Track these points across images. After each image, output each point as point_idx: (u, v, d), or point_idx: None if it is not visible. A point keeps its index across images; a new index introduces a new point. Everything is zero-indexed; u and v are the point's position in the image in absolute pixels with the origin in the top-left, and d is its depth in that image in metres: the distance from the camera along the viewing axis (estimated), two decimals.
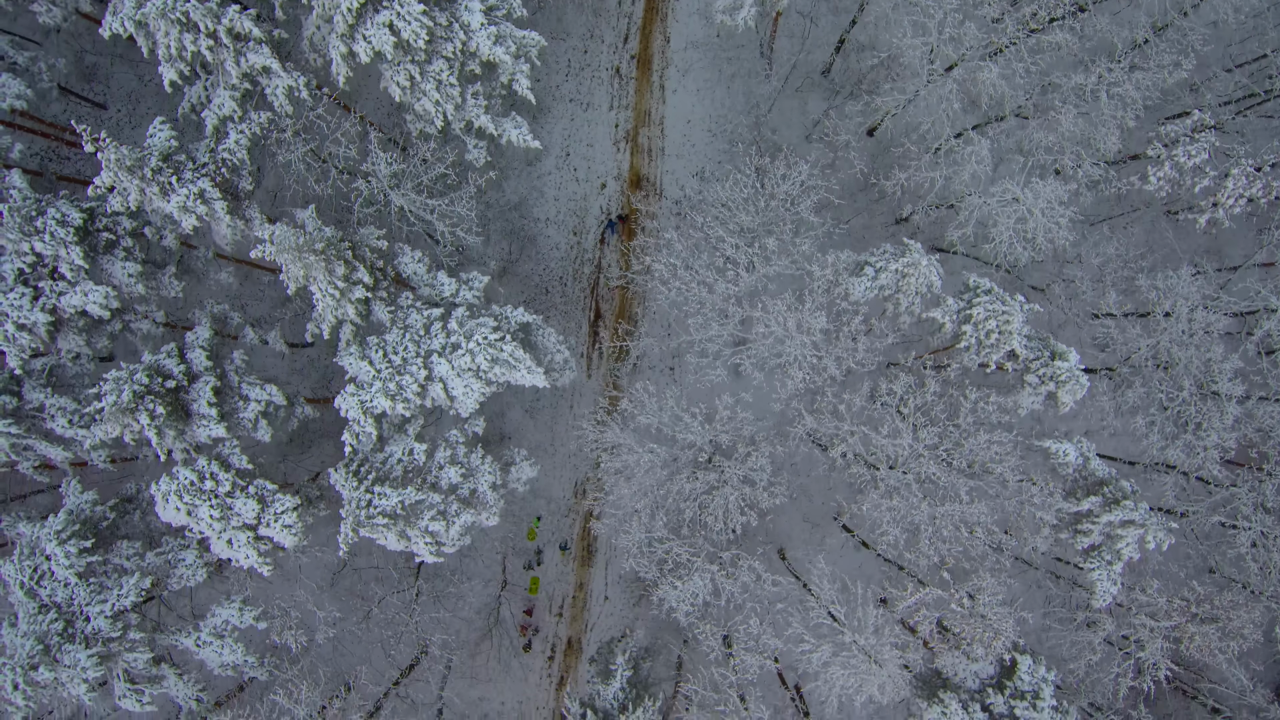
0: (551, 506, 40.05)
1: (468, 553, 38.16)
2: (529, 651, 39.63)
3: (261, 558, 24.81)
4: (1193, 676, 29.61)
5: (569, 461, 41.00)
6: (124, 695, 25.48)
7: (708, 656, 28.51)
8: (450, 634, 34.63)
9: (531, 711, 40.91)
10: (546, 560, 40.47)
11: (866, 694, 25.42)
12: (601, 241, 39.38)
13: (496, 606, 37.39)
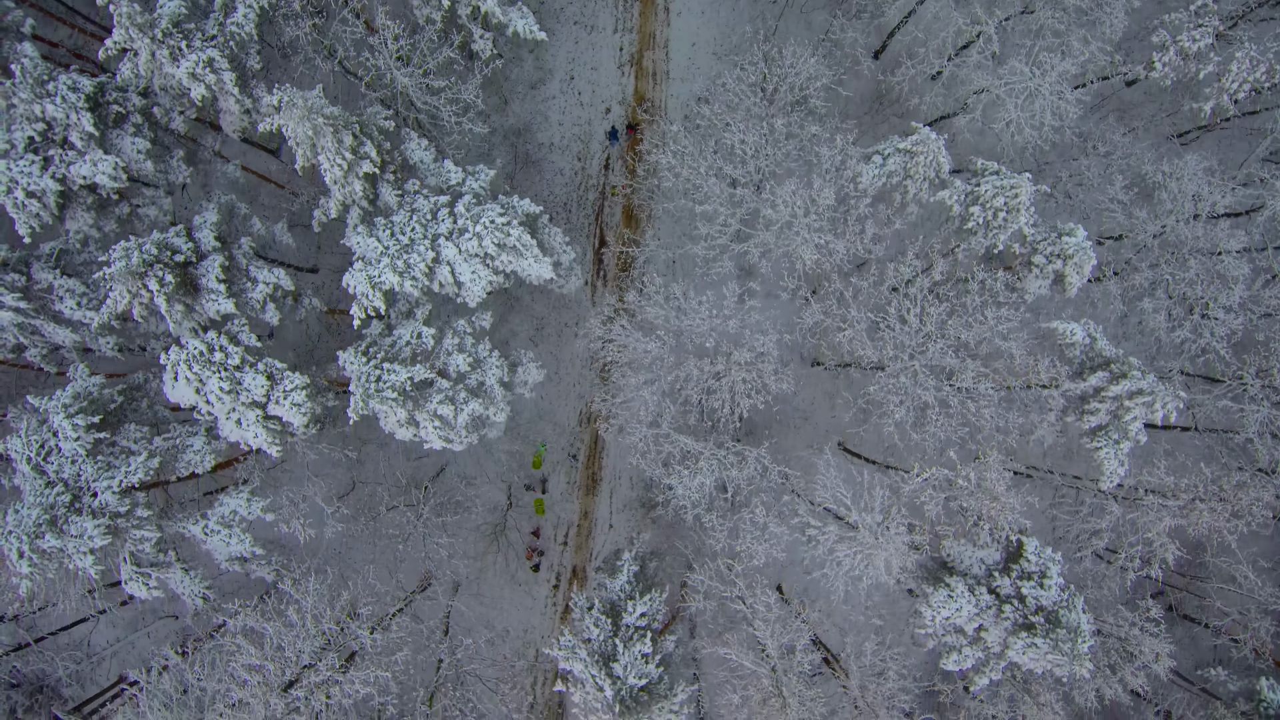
0: (557, 430, 40.12)
1: (473, 479, 38.18)
2: (537, 572, 39.68)
3: (270, 437, 24.82)
4: (1198, 571, 29.66)
5: (574, 390, 41.07)
6: (130, 579, 25.47)
7: (714, 548, 28.55)
8: (457, 547, 34.62)
9: (537, 639, 40.94)
10: (552, 486, 40.55)
11: (873, 575, 25.45)
12: (606, 168, 39.48)
13: (503, 520, 37.39)
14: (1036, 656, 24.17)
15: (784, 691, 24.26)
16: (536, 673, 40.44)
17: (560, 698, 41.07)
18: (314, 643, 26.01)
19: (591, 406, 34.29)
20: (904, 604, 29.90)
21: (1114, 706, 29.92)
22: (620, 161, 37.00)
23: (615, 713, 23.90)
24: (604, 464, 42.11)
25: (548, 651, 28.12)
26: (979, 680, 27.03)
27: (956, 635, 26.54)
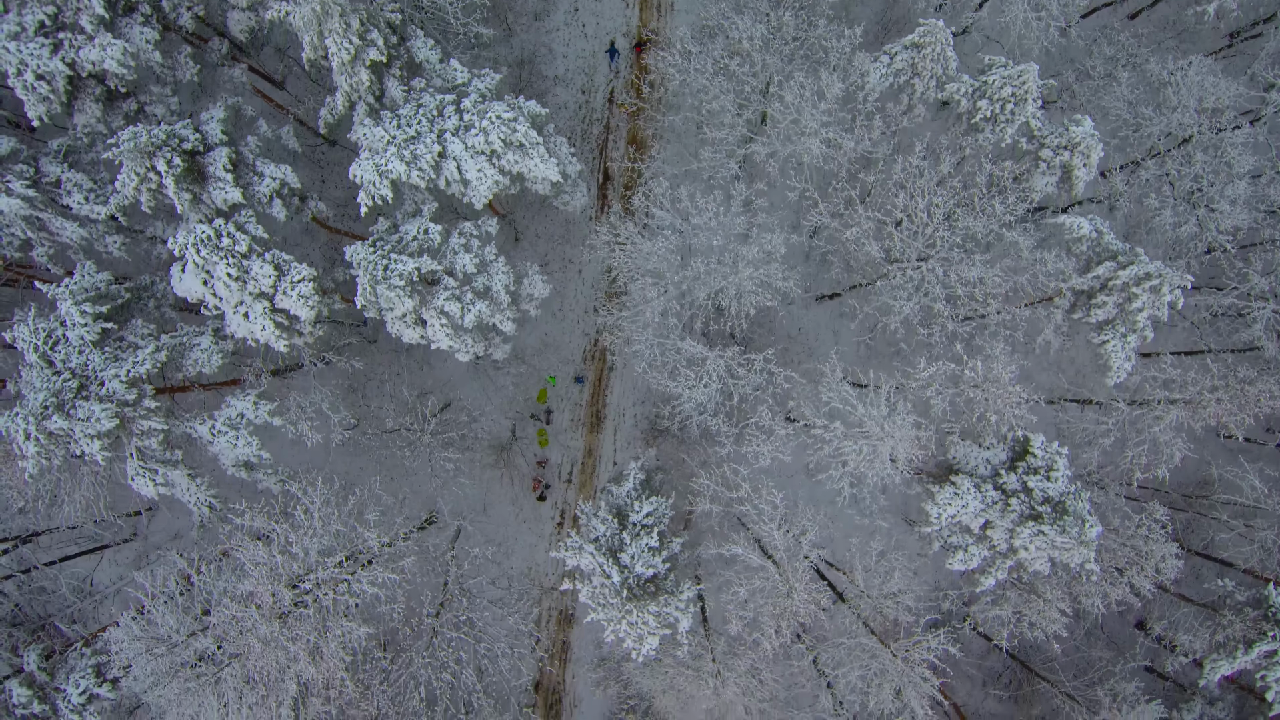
0: (564, 364, 40.17)
1: (476, 418, 38.13)
2: (543, 501, 39.69)
3: (278, 331, 24.84)
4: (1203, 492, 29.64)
5: (578, 326, 41.15)
6: (137, 474, 25.49)
7: (720, 455, 28.54)
8: (463, 466, 34.61)
9: (541, 576, 40.93)
10: (557, 423, 40.57)
11: (879, 471, 25.44)
12: (610, 101, 39.56)
13: (509, 445, 37.40)
14: (1043, 546, 24.16)
15: (790, 580, 24.25)
16: (542, 597, 40.47)
17: (568, 611, 41.05)
18: (321, 541, 25.99)
19: (598, 322, 34.13)
20: (911, 505, 29.86)
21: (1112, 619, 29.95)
22: (625, 83, 37.01)
23: (623, 597, 23.90)
24: (608, 402, 42.15)
25: (554, 555, 28.13)
26: (985, 581, 27.03)
27: (963, 534, 26.55)
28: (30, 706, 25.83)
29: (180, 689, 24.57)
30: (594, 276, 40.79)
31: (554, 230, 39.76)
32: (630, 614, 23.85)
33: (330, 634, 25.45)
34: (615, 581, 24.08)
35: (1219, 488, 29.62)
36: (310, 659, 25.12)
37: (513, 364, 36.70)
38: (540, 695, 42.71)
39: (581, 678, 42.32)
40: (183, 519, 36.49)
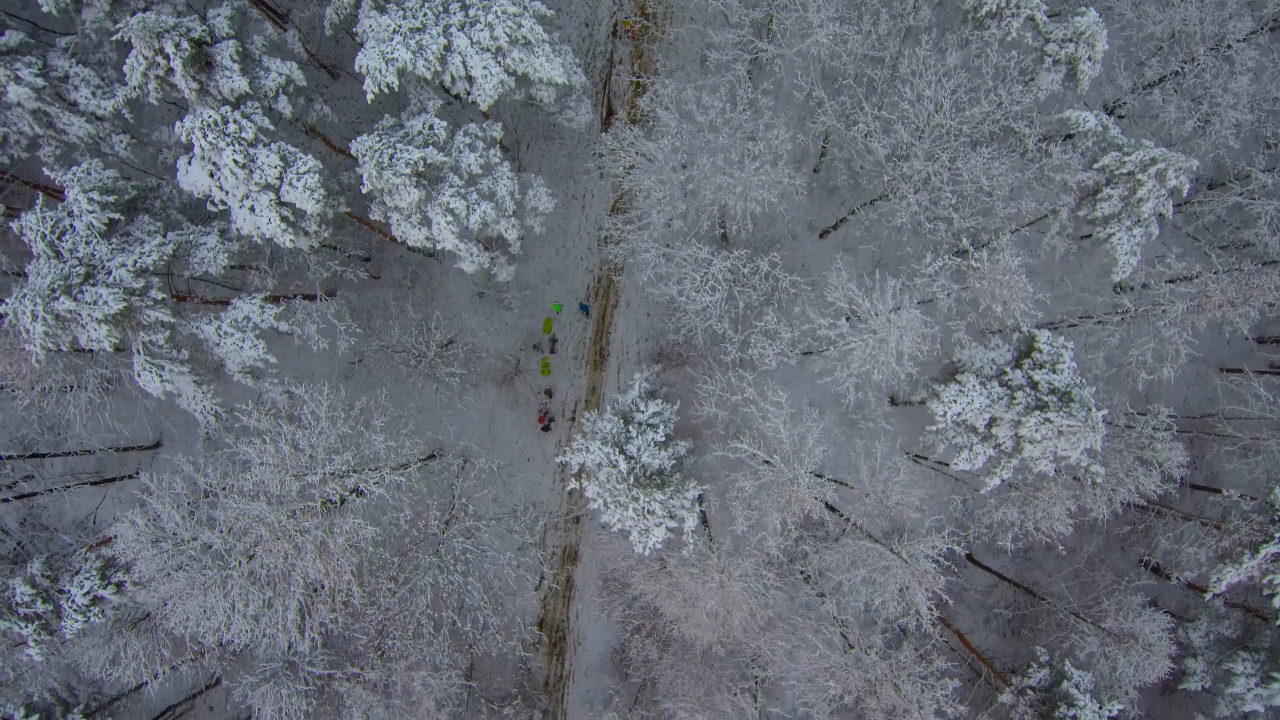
0: (569, 295, 40.23)
1: (480, 355, 38.18)
2: (548, 432, 39.71)
3: (283, 225, 24.87)
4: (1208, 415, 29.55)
5: (581, 263, 41.21)
6: (144, 370, 25.52)
7: (725, 361, 28.56)
8: (468, 386, 34.63)
9: (544, 515, 40.95)
10: (560, 361, 40.62)
11: (885, 368, 25.46)
12: (614, 34, 39.59)
13: (514, 371, 37.39)
14: (1049, 435, 24.16)
15: (796, 470, 24.27)
16: (546, 532, 40.49)
17: (572, 549, 41.06)
18: (328, 440, 25.99)
19: (603, 235, 33.98)
20: (917, 414, 29.82)
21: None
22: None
23: (630, 483, 23.92)
24: (612, 339, 42.21)
25: (560, 459, 28.13)
26: (990, 482, 27.05)
27: (968, 433, 26.57)
28: (34, 605, 25.82)
29: (186, 584, 24.58)
30: (597, 214, 40.85)
31: (558, 163, 39.80)
32: (638, 500, 23.87)
33: (337, 530, 25.47)
34: (622, 469, 24.11)
35: (1222, 400, 29.62)
36: (317, 553, 25.13)
37: (516, 291, 36.69)
38: (545, 632, 42.77)
39: (586, 615, 42.40)
40: (188, 451, 36.49)
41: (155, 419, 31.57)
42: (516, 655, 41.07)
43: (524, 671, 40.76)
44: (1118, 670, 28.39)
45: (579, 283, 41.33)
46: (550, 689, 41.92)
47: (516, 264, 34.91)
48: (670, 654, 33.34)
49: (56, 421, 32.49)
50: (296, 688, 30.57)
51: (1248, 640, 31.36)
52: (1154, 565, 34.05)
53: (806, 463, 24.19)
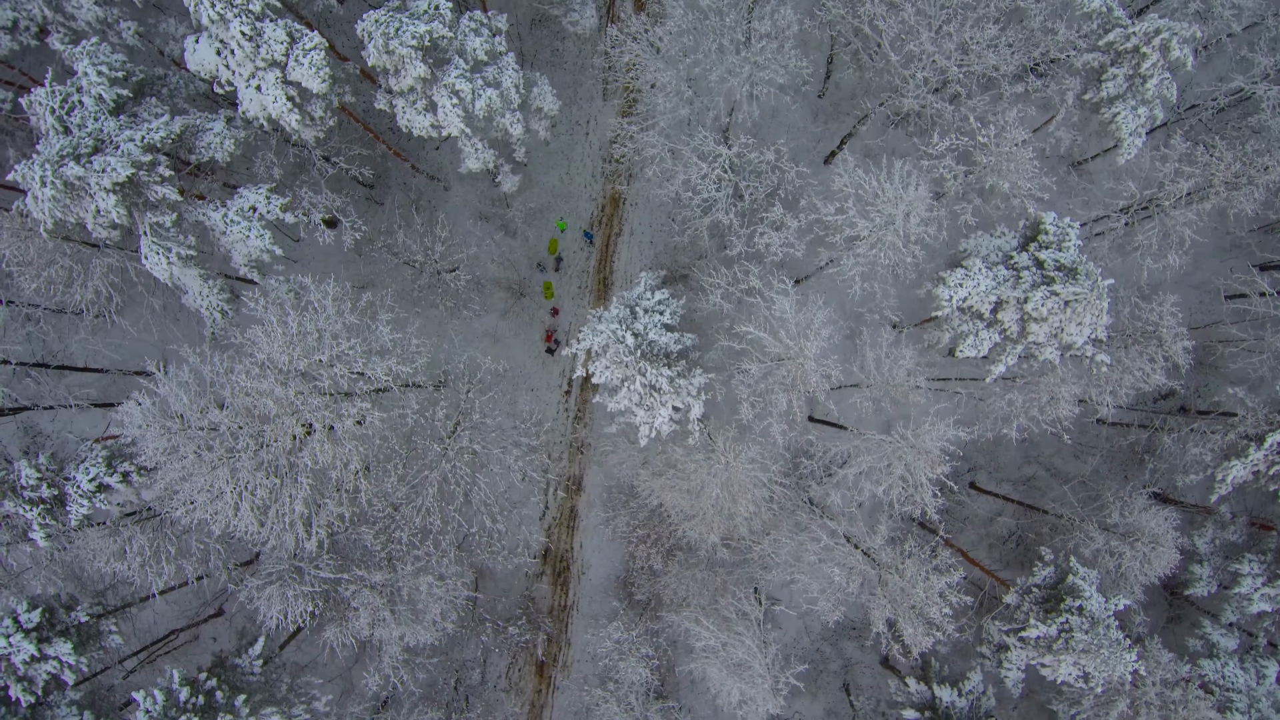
0: (574, 218, 40.31)
1: (484, 286, 38.21)
2: (552, 355, 39.77)
3: (289, 105, 24.92)
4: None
5: (585, 190, 41.30)
6: (151, 252, 25.58)
7: (730, 256, 28.59)
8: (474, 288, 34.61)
9: (547, 460, 40.97)
10: (564, 290, 40.69)
11: (891, 252, 25.48)
12: None
13: (519, 290, 37.45)
14: (1055, 309, 24.18)
15: (802, 346, 24.29)
16: (550, 465, 40.53)
17: (575, 479, 41.11)
18: (335, 325, 26.00)
19: (609, 135, 33.94)
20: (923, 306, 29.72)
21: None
22: None
23: (637, 356, 23.95)
24: (615, 268, 42.32)
25: (565, 352, 28.18)
26: (994, 370, 27.08)
27: (973, 320, 26.59)
28: (39, 490, 25.85)
29: (194, 462, 24.59)
30: (600, 141, 40.95)
31: (563, 79, 39.82)
32: (644, 374, 23.90)
33: (344, 413, 25.48)
34: (630, 343, 24.14)
35: (1225, 291, 29.59)
36: (325, 434, 25.15)
37: (520, 207, 36.63)
38: (549, 562, 42.84)
39: (590, 545, 42.45)
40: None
41: (161, 323, 31.55)
42: (522, 576, 41.22)
43: (529, 599, 40.82)
44: (1123, 566, 28.41)
45: (583, 211, 41.42)
46: (555, 616, 41.98)
47: (521, 174, 34.98)
48: (674, 563, 33.38)
49: (63, 328, 32.45)
50: (303, 589, 30.61)
51: (1253, 545, 31.37)
52: (1156, 492, 34.09)
53: (813, 340, 24.21)
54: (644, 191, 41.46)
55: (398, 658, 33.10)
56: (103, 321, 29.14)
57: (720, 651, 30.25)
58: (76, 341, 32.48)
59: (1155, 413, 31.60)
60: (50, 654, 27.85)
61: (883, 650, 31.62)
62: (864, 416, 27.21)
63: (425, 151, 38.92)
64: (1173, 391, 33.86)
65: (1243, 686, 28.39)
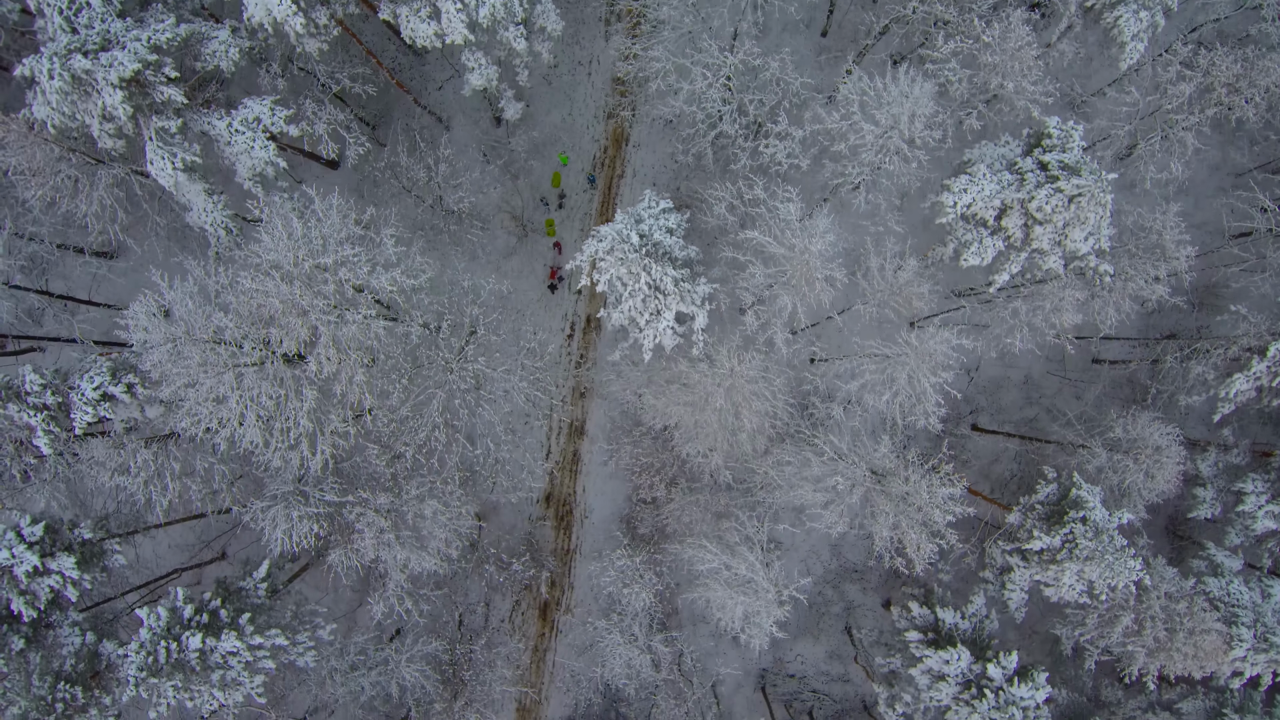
0: (578, 155, 40.39)
1: (488, 222, 38.33)
2: (554, 292, 39.82)
3: (294, 7, 24.95)
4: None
5: (588, 132, 41.37)
6: (156, 157, 25.60)
7: (735, 171, 28.63)
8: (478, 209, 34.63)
9: (551, 388, 41.01)
10: (567, 233, 40.74)
11: (897, 156, 25.54)
12: None
13: (523, 228, 37.49)
14: (1060, 207, 24.25)
15: (808, 248, 24.35)
16: (554, 409, 40.57)
17: (578, 423, 41.11)
18: (339, 233, 26.00)
19: (614, 52, 33.88)
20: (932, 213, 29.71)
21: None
22: None
23: (642, 253, 23.98)
24: (617, 208, 42.35)
25: (569, 265, 28.19)
26: (999, 279, 27.16)
27: (977, 228, 26.66)
28: (43, 396, 25.84)
29: (199, 363, 24.57)
30: (603, 81, 41.04)
31: (566, 14, 39.86)
32: (649, 271, 23.93)
33: (350, 319, 25.50)
34: (634, 241, 24.18)
35: (1228, 221, 29.73)
36: (329, 339, 25.16)
37: (524, 137, 36.62)
38: (552, 507, 42.87)
39: (594, 489, 42.48)
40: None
41: (166, 245, 31.54)
42: (525, 517, 41.24)
43: (532, 538, 40.82)
44: (1127, 481, 28.45)
45: (586, 152, 41.50)
46: (558, 558, 41.99)
47: (524, 103, 35.00)
48: (677, 492, 33.40)
49: (66, 265, 32.41)
50: (307, 510, 30.61)
51: (1256, 468, 31.44)
52: (1158, 418, 34.15)
53: (817, 239, 24.26)
54: (647, 135, 41.60)
55: (402, 586, 33.08)
56: (107, 239, 29.12)
57: (723, 572, 30.25)
58: (79, 266, 32.45)
59: (1156, 338, 31.68)
60: (53, 568, 27.82)
61: (885, 568, 31.63)
62: (867, 327, 27.25)
63: (428, 91, 38.98)
64: (1173, 334, 34.06)
65: (1248, 603, 28.43)
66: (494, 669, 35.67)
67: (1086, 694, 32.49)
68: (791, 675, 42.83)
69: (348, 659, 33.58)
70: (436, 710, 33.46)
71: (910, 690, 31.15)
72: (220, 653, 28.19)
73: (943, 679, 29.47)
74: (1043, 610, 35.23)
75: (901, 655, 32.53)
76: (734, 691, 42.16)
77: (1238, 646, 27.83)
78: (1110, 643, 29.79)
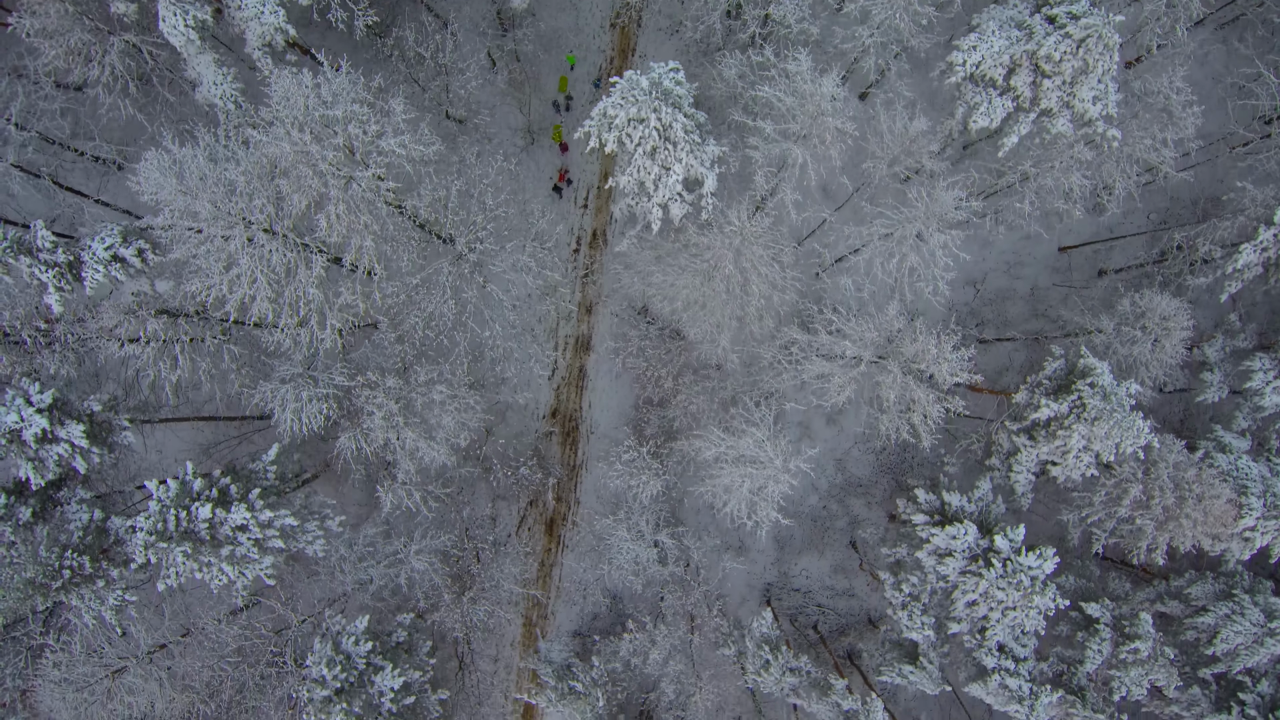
0: (583, 56, 40.48)
1: (491, 133, 38.42)
2: (559, 195, 39.94)
3: None
4: None
5: (594, 42, 41.50)
6: (168, 14, 25.68)
7: (741, 39, 28.68)
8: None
9: (557, 305, 41.12)
10: (573, 146, 40.82)
11: (906, 10, 25.60)
12: None
13: (529, 136, 37.59)
14: (1069, 52, 24.30)
15: (819, 92, 24.42)
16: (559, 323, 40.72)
17: (584, 338, 41.11)
18: (349, 93, 26.04)
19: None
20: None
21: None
22: None
23: (651, 96, 24.03)
24: None
25: (577, 135, 28.24)
26: (1007, 142, 27.24)
27: (986, 89, 26.73)
28: (55, 253, 25.89)
29: (210, 216, 24.60)
30: None
31: None
32: (658, 112, 23.95)
33: (359, 178, 25.57)
34: (644, 85, 24.23)
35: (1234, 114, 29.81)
36: (341, 194, 25.21)
37: (530, 25, 36.61)
38: (558, 422, 42.90)
39: (599, 404, 42.51)
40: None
41: (176, 125, 31.54)
42: (533, 423, 41.25)
43: (539, 449, 40.85)
44: (1134, 352, 28.48)
45: (593, 64, 41.63)
46: (565, 470, 42.02)
47: None
48: (684, 383, 33.43)
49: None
50: (317, 391, 30.66)
51: (1263, 349, 31.48)
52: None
53: (827, 86, 24.34)
54: (654, 45, 41.71)
55: (411, 476, 33.11)
56: (117, 114, 29.22)
57: (729, 453, 30.20)
58: (88, 169, 32.45)
59: (1162, 227, 31.74)
60: (62, 436, 27.83)
61: (892, 447, 31.62)
62: (879, 193, 27.30)
63: None
64: (1178, 247, 34.07)
65: (1257, 476, 28.44)
66: (502, 567, 35.69)
67: (1094, 582, 32.51)
68: (797, 589, 42.84)
69: (356, 549, 33.61)
70: (445, 601, 33.46)
71: (916, 574, 31.16)
72: (230, 525, 28.08)
73: (949, 555, 29.47)
74: (1049, 505, 35.25)
75: (907, 544, 32.54)
76: (739, 605, 42.17)
77: (1247, 515, 27.83)
78: (1118, 521, 29.80)
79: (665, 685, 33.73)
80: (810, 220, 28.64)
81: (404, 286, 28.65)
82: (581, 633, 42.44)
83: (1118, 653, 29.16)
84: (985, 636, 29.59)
